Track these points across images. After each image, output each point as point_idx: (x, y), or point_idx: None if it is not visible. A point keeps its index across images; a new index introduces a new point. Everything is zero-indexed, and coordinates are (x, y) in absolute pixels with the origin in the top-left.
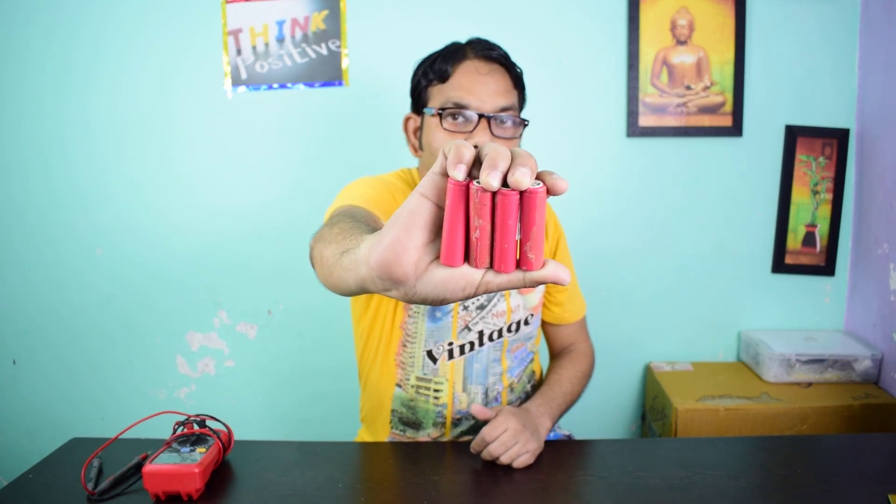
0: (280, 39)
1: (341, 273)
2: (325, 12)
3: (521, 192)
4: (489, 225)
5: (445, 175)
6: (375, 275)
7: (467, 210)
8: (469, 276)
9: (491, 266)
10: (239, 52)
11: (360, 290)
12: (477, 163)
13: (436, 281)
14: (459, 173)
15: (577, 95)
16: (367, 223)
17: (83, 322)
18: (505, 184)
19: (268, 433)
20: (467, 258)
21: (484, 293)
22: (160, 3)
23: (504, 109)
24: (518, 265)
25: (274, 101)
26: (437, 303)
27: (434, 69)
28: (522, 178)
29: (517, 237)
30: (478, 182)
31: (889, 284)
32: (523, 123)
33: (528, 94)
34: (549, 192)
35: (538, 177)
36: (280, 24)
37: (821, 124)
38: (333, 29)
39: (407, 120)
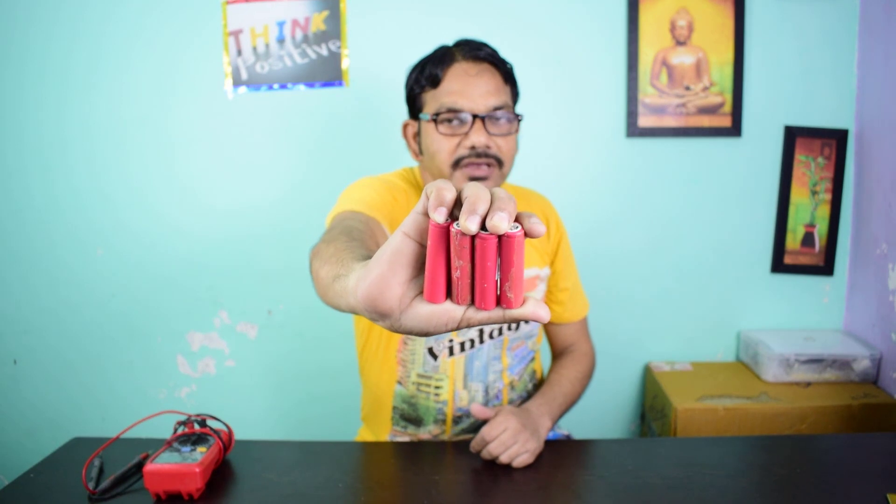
0: (280, 40)
1: (333, 297)
2: (326, 13)
3: (500, 236)
4: (469, 265)
5: (427, 215)
6: (362, 307)
7: (448, 250)
8: (451, 312)
9: (472, 303)
10: (239, 52)
11: (352, 313)
12: (458, 202)
13: (419, 316)
14: (440, 216)
15: (576, 96)
16: (363, 242)
17: (84, 322)
18: (485, 226)
19: (268, 433)
20: (449, 295)
21: (466, 328)
22: (160, 4)
23: (497, 108)
24: (498, 302)
25: (274, 101)
26: (421, 335)
27: (425, 75)
28: (500, 224)
29: (497, 277)
30: (458, 224)
31: (888, 284)
32: (517, 119)
33: (528, 94)
34: (527, 235)
35: (517, 219)
36: (280, 24)
37: (820, 125)
38: (333, 29)
39: (405, 126)
